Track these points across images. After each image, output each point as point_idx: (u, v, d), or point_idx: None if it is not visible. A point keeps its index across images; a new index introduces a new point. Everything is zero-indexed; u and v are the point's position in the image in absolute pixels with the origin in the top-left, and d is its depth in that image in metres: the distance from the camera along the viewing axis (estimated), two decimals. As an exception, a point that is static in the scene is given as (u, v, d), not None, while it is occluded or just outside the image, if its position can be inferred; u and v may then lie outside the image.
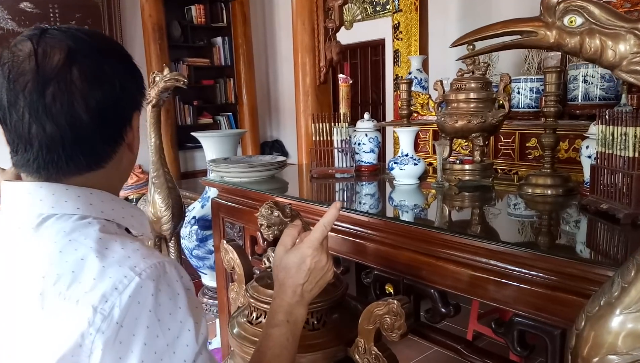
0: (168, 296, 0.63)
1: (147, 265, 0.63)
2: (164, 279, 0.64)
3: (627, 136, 1.15)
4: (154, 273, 0.63)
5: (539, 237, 1.21)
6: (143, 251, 0.65)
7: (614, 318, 0.65)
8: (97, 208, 0.69)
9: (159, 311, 0.62)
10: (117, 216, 0.71)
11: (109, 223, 0.69)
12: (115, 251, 0.64)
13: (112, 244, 0.65)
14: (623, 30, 0.62)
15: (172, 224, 1.95)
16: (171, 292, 0.64)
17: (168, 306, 0.63)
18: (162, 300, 0.62)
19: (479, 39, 0.75)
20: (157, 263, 0.64)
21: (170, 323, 0.63)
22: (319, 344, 1.12)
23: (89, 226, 0.66)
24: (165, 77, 1.77)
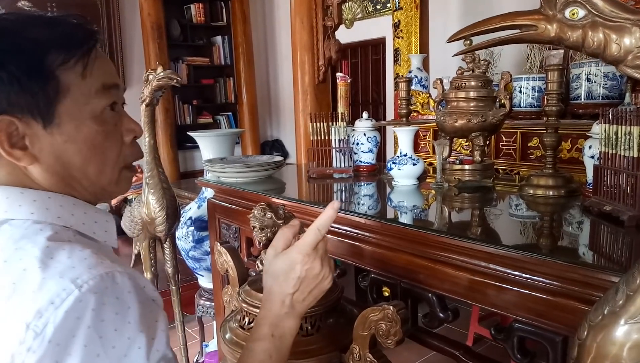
0: (114, 311, 0.57)
1: (92, 276, 0.57)
2: (112, 291, 0.58)
3: (632, 136, 1.11)
4: (97, 285, 0.57)
5: (540, 240, 1.17)
6: (91, 261, 0.59)
7: (619, 328, 0.62)
8: (54, 214, 0.65)
9: (100, 328, 0.56)
10: (76, 222, 0.66)
11: (64, 230, 0.64)
12: (59, 261, 0.58)
13: (59, 253, 0.59)
14: (628, 23, 0.58)
15: (167, 225, 1.92)
16: (119, 306, 0.58)
17: (113, 322, 0.57)
18: (106, 315, 0.57)
19: (476, 33, 0.72)
20: (104, 274, 0.58)
21: (115, 340, 0.57)
22: (313, 350, 1.08)
23: (39, 233, 0.61)
24: (158, 75, 1.74)
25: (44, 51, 0.63)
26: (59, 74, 0.63)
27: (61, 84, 0.63)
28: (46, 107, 0.63)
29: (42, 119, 0.63)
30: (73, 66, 0.64)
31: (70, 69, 0.64)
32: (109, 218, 0.72)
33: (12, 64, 0.61)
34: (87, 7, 4.70)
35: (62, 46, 0.64)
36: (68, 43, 0.65)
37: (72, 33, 0.66)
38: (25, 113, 0.62)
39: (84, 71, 0.65)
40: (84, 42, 0.66)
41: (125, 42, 5.03)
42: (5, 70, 0.61)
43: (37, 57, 0.62)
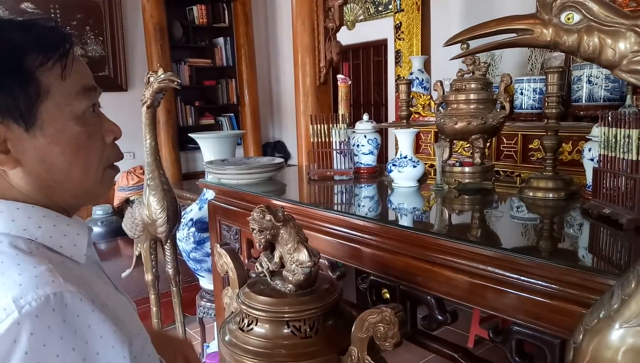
0: (59, 335, 0.55)
1: (37, 296, 0.55)
2: (58, 313, 0.55)
3: (631, 139, 1.11)
4: (41, 307, 0.55)
5: (539, 243, 1.17)
6: (42, 279, 0.57)
7: (614, 332, 0.62)
8: (20, 225, 0.63)
9: (39, 353, 0.54)
10: (42, 235, 0.65)
11: (26, 243, 0.63)
12: (8, 278, 0.56)
13: (10, 269, 0.57)
14: (623, 28, 0.58)
15: (168, 226, 1.92)
16: (65, 330, 0.56)
17: (56, 347, 0.55)
18: (49, 339, 0.54)
19: (473, 37, 0.72)
20: (50, 295, 0.56)
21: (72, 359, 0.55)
22: (311, 353, 1.08)
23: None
24: (159, 78, 1.74)
25: (22, 52, 0.63)
26: (38, 76, 0.63)
27: (42, 86, 0.63)
28: (28, 109, 0.62)
29: (24, 121, 0.63)
30: (51, 67, 0.64)
31: (49, 70, 0.64)
32: (81, 231, 0.70)
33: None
34: (90, 8, 4.71)
35: (38, 48, 0.64)
36: (44, 45, 0.64)
37: (48, 35, 0.66)
38: (7, 116, 0.62)
39: (62, 73, 0.65)
40: (60, 44, 0.66)
41: (128, 44, 5.04)
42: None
43: (16, 59, 0.62)
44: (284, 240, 1.15)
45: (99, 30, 4.80)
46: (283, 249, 1.16)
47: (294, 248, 1.13)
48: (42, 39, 0.65)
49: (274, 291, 1.17)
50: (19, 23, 0.66)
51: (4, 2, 4.27)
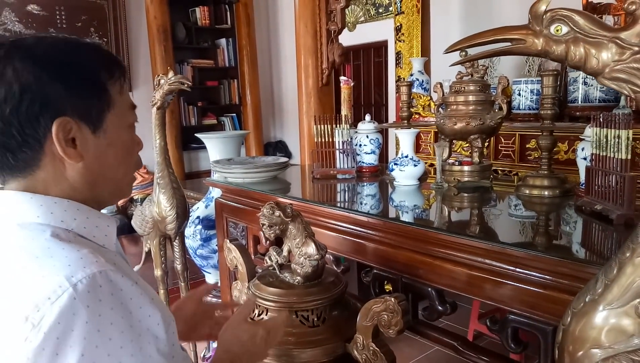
0: (109, 306, 0.63)
1: (85, 274, 0.63)
2: (106, 288, 0.64)
3: (620, 139, 1.18)
4: (91, 283, 0.63)
5: (534, 237, 1.24)
6: (87, 260, 0.65)
7: (598, 314, 0.68)
8: (57, 217, 0.71)
9: (97, 322, 0.62)
10: (77, 226, 0.73)
11: (65, 232, 0.71)
12: (57, 260, 0.64)
13: (57, 252, 0.66)
14: (605, 40, 0.65)
15: (177, 223, 1.98)
16: (114, 301, 0.64)
17: (109, 317, 0.63)
18: (102, 310, 0.63)
19: (471, 45, 0.78)
20: (97, 273, 0.64)
21: (111, 333, 0.63)
22: (319, 340, 1.15)
23: (40, 234, 0.68)
24: (170, 80, 1.81)
25: (98, 68, 0.74)
26: (109, 88, 0.75)
27: (110, 97, 0.75)
28: (98, 115, 0.74)
29: (93, 125, 0.74)
30: (115, 83, 0.76)
31: (114, 85, 0.76)
32: (110, 223, 0.79)
33: (80, 74, 0.72)
34: (95, 10, 4.77)
35: (107, 66, 0.76)
36: (109, 64, 0.76)
37: (111, 57, 0.78)
38: (81, 118, 0.72)
39: (121, 89, 0.77)
40: (119, 64, 0.78)
41: (132, 45, 5.10)
42: (76, 79, 0.71)
43: (94, 72, 0.74)
44: (293, 235, 1.22)
45: (103, 32, 4.86)
46: (292, 243, 1.22)
47: (302, 242, 1.20)
48: (108, 60, 0.77)
49: (282, 283, 1.23)
50: (90, 44, 0.77)
51: (11, 5, 4.33)
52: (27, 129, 0.69)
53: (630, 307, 0.66)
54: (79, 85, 0.71)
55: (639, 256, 0.67)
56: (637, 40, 0.63)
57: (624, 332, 0.67)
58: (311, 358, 1.14)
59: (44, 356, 0.60)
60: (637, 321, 0.66)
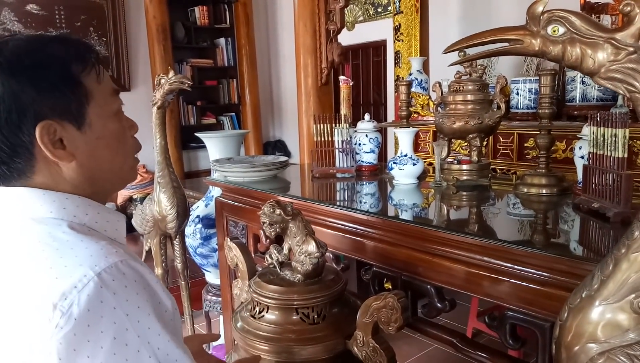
0: (135, 291, 0.66)
1: (108, 263, 0.65)
2: (130, 275, 0.67)
3: (617, 138, 1.19)
4: (115, 271, 0.65)
5: (532, 235, 1.25)
6: (106, 250, 0.67)
7: (594, 309, 0.70)
8: (70, 212, 0.73)
9: (125, 307, 0.64)
10: (89, 220, 0.75)
11: (79, 226, 0.73)
12: (78, 251, 0.67)
13: (77, 244, 0.68)
14: (601, 40, 0.66)
15: (177, 222, 2.00)
16: (138, 286, 0.67)
17: (136, 301, 0.66)
18: (129, 295, 0.65)
19: (469, 46, 0.80)
20: (118, 262, 0.66)
21: (139, 316, 0.65)
22: (319, 337, 1.16)
23: (57, 228, 0.70)
24: (170, 79, 1.82)
25: (67, 62, 0.72)
26: (83, 81, 0.73)
27: (87, 89, 0.73)
28: (78, 111, 0.73)
29: (76, 121, 0.73)
30: (89, 73, 0.74)
31: (88, 75, 0.74)
32: (120, 218, 0.81)
33: (49, 75, 0.70)
34: (94, 9, 4.77)
35: (77, 57, 0.74)
36: (81, 55, 0.74)
37: (80, 46, 0.76)
38: (62, 117, 0.72)
39: (98, 77, 0.75)
40: (91, 53, 0.76)
41: (131, 44, 5.11)
42: (45, 80, 0.70)
43: (65, 68, 0.72)
44: (293, 233, 1.23)
45: (103, 31, 4.86)
46: (292, 241, 1.23)
47: (303, 240, 1.21)
48: (78, 50, 0.75)
49: (283, 280, 1.24)
50: (55, 38, 0.75)
51: (10, 4, 4.33)
52: (12, 139, 0.69)
53: (625, 302, 0.68)
54: (51, 85, 0.70)
55: (634, 252, 0.68)
56: (632, 41, 0.64)
57: (620, 326, 0.69)
58: (311, 355, 1.15)
59: (76, 341, 0.62)
60: (633, 316, 0.68)
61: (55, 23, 4.56)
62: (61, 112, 0.71)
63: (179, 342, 0.70)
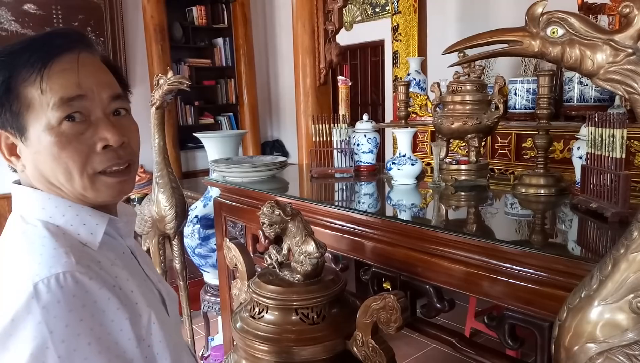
0: (68, 308, 0.63)
1: (49, 274, 0.63)
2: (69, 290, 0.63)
3: (615, 138, 1.19)
4: (52, 284, 0.63)
5: (530, 235, 1.26)
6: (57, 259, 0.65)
7: (593, 309, 0.70)
8: (48, 213, 0.73)
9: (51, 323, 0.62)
10: (64, 222, 0.73)
11: (54, 227, 0.72)
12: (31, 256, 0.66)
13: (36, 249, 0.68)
14: (600, 42, 0.67)
15: (176, 223, 2.00)
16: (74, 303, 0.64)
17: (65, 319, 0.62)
18: (59, 311, 0.62)
19: (469, 47, 0.80)
20: (60, 274, 0.64)
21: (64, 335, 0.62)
22: (319, 338, 1.16)
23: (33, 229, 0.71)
24: (169, 79, 1.82)
25: (16, 70, 0.70)
26: (22, 90, 0.70)
27: (25, 100, 0.70)
28: (17, 122, 0.71)
29: (17, 132, 0.72)
30: (33, 81, 0.69)
31: (32, 85, 0.69)
32: (100, 221, 0.76)
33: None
34: (92, 9, 4.76)
35: (28, 63, 0.70)
36: (32, 60, 0.70)
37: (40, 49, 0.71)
38: (9, 128, 0.72)
39: (41, 85, 0.69)
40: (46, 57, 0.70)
41: (129, 44, 5.10)
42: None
43: (9, 77, 0.70)
44: (292, 233, 1.23)
45: (100, 31, 4.85)
46: (291, 241, 1.24)
47: (302, 240, 1.21)
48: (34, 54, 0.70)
49: (282, 281, 1.25)
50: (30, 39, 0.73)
51: (7, 4, 4.32)
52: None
53: (624, 302, 0.68)
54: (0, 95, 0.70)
55: (632, 252, 0.69)
56: (631, 42, 0.65)
57: (618, 326, 0.69)
58: (311, 355, 1.15)
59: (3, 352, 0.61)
60: (631, 316, 0.68)
61: (53, 23, 4.55)
62: (6, 124, 0.72)
63: None
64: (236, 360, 1.26)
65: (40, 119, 0.69)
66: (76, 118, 0.71)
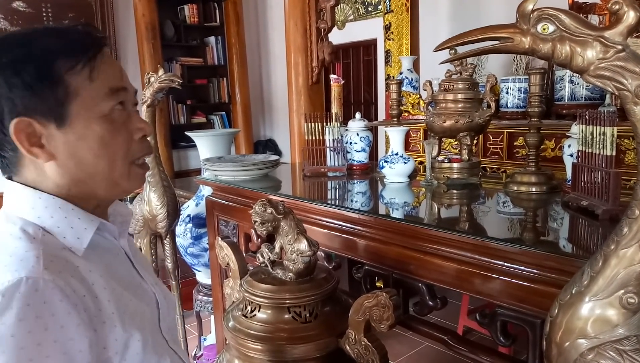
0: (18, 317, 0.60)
1: (11, 278, 0.61)
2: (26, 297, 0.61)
3: (606, 136, 1.20)
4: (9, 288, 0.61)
5: (522, 232, 1.26)
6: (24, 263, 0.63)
7: (584, 305, 0.71)
8: (36, 213, 0.71)
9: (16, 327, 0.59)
10: (51, 224, 0.71)
11: (35, 228, 0.70)
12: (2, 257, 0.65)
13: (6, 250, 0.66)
14: (590, 38, 0.67)
15: (168, 222, 1.98)
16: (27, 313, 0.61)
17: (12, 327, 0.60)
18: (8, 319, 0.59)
19: (459, 44, 0.80)
20: (23, 278, 0.62)
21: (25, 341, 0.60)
22: (311, 336, 1.16)
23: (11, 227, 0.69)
24: (160, 77, 1.80)
25: (53, 58, 0.69)
26: (67, 79, 0.70)
27: (70, 88, 0.70)
28: (58, 109, 0.70)
29: (55, 120, 0.70)
30: (80, 70, 0.70)
31: (78, 73, 0.70)
32: (89, 226, 0.75)
33: (24, 72, 0.68)
34: (82, 7, 4.73)
35: (69, 53, 0.70)
36: (75, 50, 0.71)
37: (79, 41, 0.73)
38: (40, 115, 0.70)
39: (90, 75, 0.71)
40: (90, 48, 0.72)
41: (120, 43, 5.07)
42: (19, 77, 0.68)
43: (46, 64, 0.69)
44: (285, 232, 1.23)
45: (91, 29, 4.82)
46: (284, 240, 1.23)
47: (295, 238, 1.21)
48: (74, 44, 0.72)
49: (275, 279, 1.24)
50: (55, 30, 0.74)
51: (-4, 1, 4.28)
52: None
53: (614, 298, 0.69)
54: (24, 83, 0.68)
55: (623, 248, 0.69)
56: (621, 39, 0.65)
57: (609, 322, 0.69)
58: (303, 353, 1.15)
59: None
60: (622, 311, 0.68)
61: (42, 21, 4.51)
62: (40, 110, 0.69)
63: None
64: (229, 359, 1.26)
65: (90, 107, 0.71)
66: (125, 107, 0.76)
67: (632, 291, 0.68)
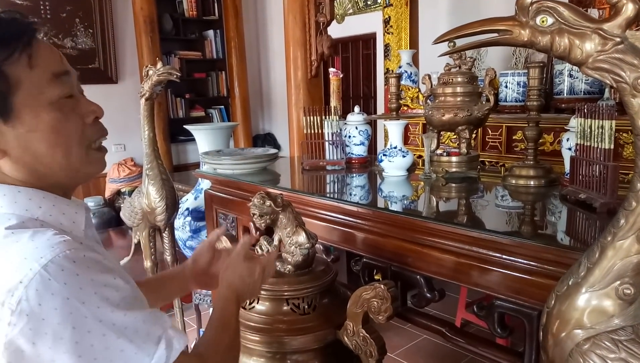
0: (90, 278, 0.64)
1: (55, 254, 0.63)
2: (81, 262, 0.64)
3: (604, 129, 1.20)
4: (63, 261, 0.63)
5: (520, 225, 1.27)
6: (54, 241, 0.65)
7: (580, 296, 0.71)
8: (22, 206, 0.70)
9: (80, 296, 0.62)
10: (42, 214, 0.71)
11: (31, 220, 0.69)
12: (23, 245, 0.64)
13: (22, 237, 0.65)
14: (589, 31, 0.67)
15: (166, 215, 1.99)
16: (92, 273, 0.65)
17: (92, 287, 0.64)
18: (82, 282, 0.63)
19: (458, 36, 0.80)
20: (67, 251, 0.64)
21: (98, 302, 0.63)
22: (310, 327, 1.17)
23: (5, 222, 0.67)
24: (159, 70, 1.80)
25: None
26: (5, 69, 0.66)
27: (10, 79, 0.66)
28: (1, 103, 0.66)
29: (0, 115, 0.67)
30: (18, 58, 0.66)
31: (16, 62, 0.66)
32: (78, 209, 0.76)
33: None
34: (80, 1, 4.70)
35: (2, 42, 0.66)
36: (6, 38, 0.67)
37: (8, 28, 0.68)
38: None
39: (30, 62, 0.67)
40: (23, 34, 0.68)
41: (118, 36, 5.04)
42: None
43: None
44: (283, 224, 1.23)
45: (89, 23, 4.79)
46: (282, 232, 1.24)
47: (293, 231, 1.21)
48: (4, 32, 0.67)
49: (273, 272, 1.24)
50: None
51: (-6, -5, 4.26)
52: None
53: (611, 289, 0.69)
54: None
55: (620, 239, 0.70)
56: (619, 31, 0.65)
57: (605, 312, 0.70)
58: (302, 345, 1.16)
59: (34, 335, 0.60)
60: (618, 302, 0.69)
61: (40, 14, 4.48)
62: None
63: (143, 312, 0.70)
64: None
65: (37, 96, 0.68)
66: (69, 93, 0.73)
67: (628, 282, 0.68)
